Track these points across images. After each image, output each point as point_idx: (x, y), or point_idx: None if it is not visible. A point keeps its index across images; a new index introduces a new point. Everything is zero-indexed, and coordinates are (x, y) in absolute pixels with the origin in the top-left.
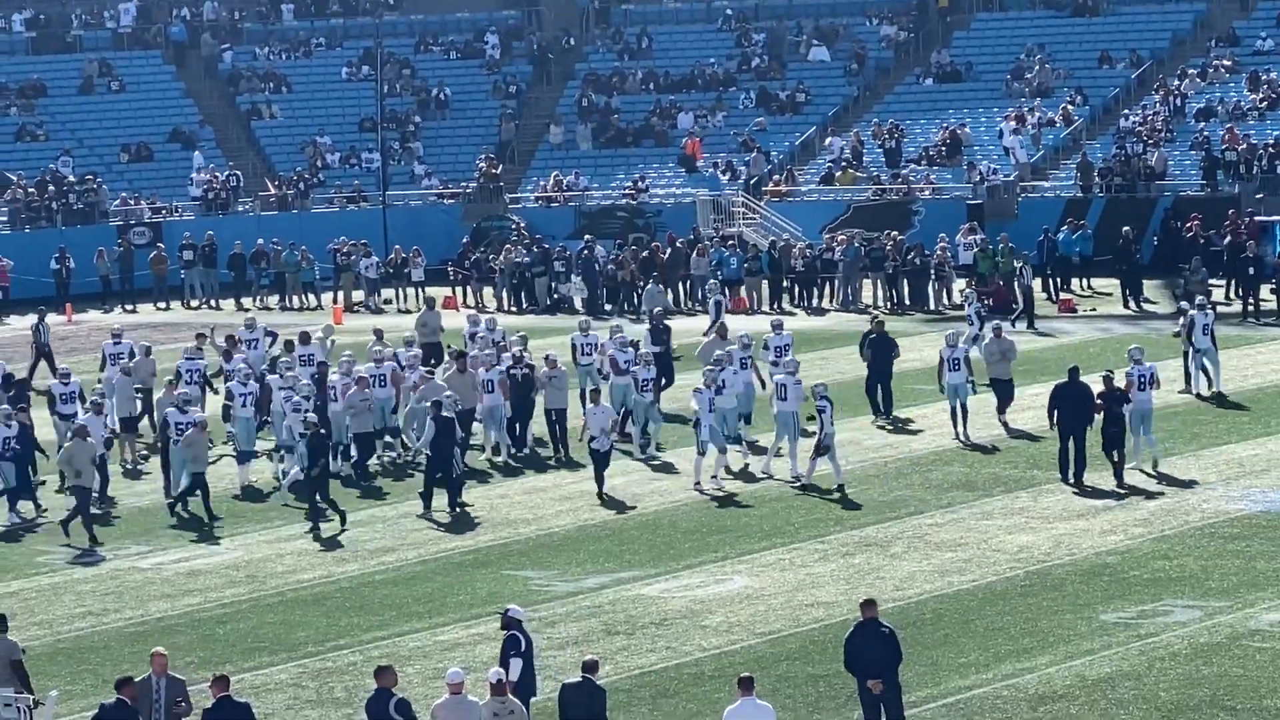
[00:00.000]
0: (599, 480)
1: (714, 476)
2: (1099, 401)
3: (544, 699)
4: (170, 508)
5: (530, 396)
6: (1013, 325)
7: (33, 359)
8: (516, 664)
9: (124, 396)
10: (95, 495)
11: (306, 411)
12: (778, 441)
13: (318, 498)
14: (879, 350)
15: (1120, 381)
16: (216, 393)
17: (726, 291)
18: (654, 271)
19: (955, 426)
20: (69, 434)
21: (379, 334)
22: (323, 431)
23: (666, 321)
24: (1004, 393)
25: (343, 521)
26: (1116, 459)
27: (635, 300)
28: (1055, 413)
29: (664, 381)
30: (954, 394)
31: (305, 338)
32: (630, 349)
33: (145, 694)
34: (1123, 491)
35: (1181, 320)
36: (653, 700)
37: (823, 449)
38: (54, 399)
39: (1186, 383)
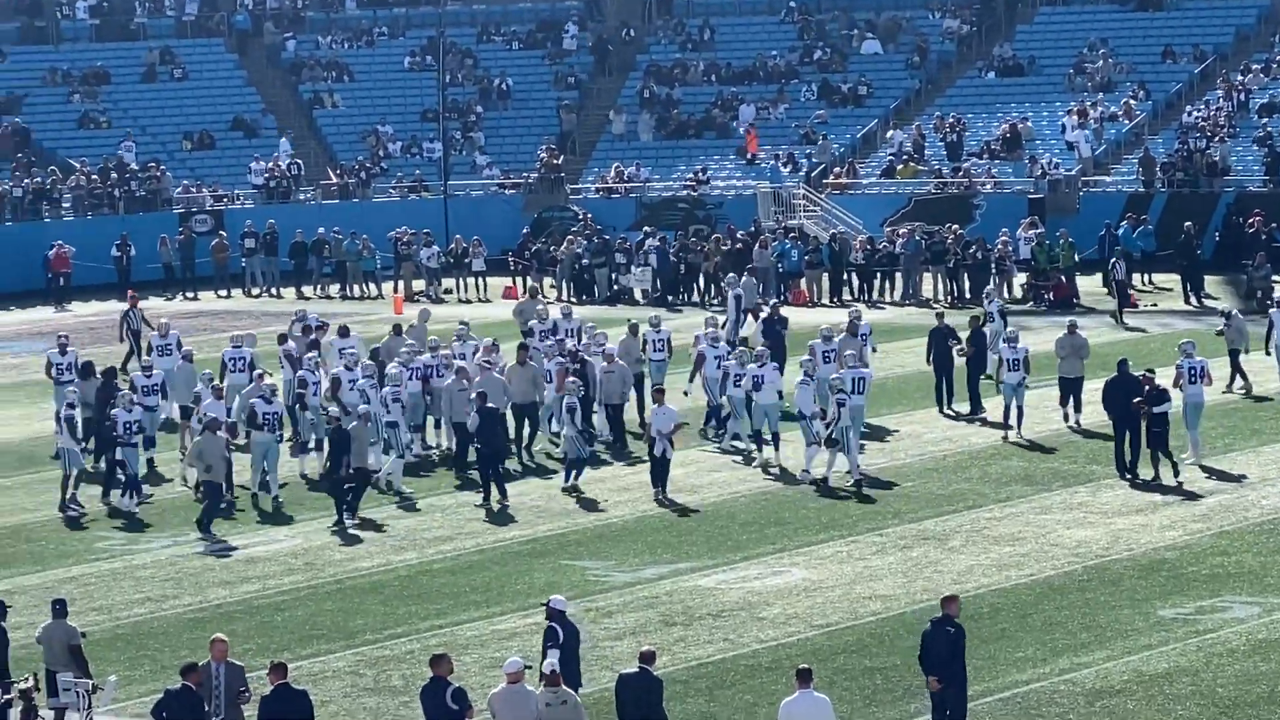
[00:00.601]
0: (656, 482)
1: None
2: (1137, 400)
3: (600, 689)
4: (254, 499)
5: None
6: (1118, 320)
7: (128, 347)
8: (553, 655)
9: (184, 385)
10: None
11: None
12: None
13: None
14: (939, 343)
15: (1169, 376)
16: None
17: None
18: (746, 264)
19: (1008, 427)
20: (199, 428)
21: (465, 326)
22: (343, 427)
23: (782, 312)
24: (1071, 390)
25: (351, 516)
26: (1163, 456)
27: (714, 291)
28: (1111, 407)
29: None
30: (1010, 394)
31: (345, 331)
32: (722, 343)
33: (205, 681)
34: (1176, 483)
35: (1228, 321)
36: (709, 691)
37: (833, 442)
38: (135, 389)
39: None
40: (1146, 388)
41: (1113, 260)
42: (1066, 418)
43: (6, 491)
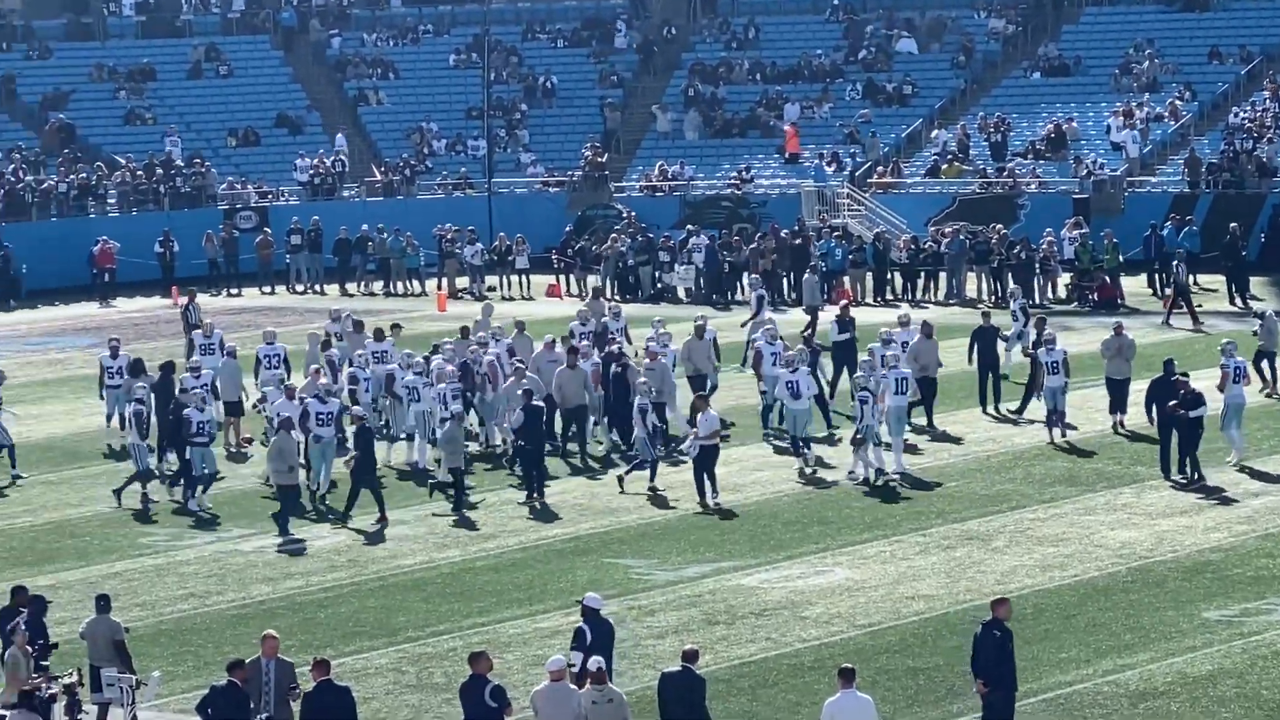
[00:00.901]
0: (701, 487)
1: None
2: (1171, 404)
3: (642, 687)
4: (314, 495)
5: (627, 390)
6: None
7: (187, 342)
8: (576, 656)
9: (231, 382)
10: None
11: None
12: (889, 437)
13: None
14: (984, 343)
15: (1213, 378)
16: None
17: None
18: (808, 262)
19: (1050, 431)
20: (274, 428)
21: (521, 325)
22: (368, 425)
23: (852, 313)
24: (1117, 392)
25: (457, 511)
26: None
27: (771, 290)
28: (1153, 407)
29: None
30: (1051, 398)
31: (380, 334)
32: (779, 342)
33: (255, 676)
34: (1195, 484)
35: (1261, 322)
36: (752, 690)
37: (858, 441)
38: (184, 390)
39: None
40: (1181, 391)
41: (1175, 262)
42: (1119, 425)
43: (52, 487)
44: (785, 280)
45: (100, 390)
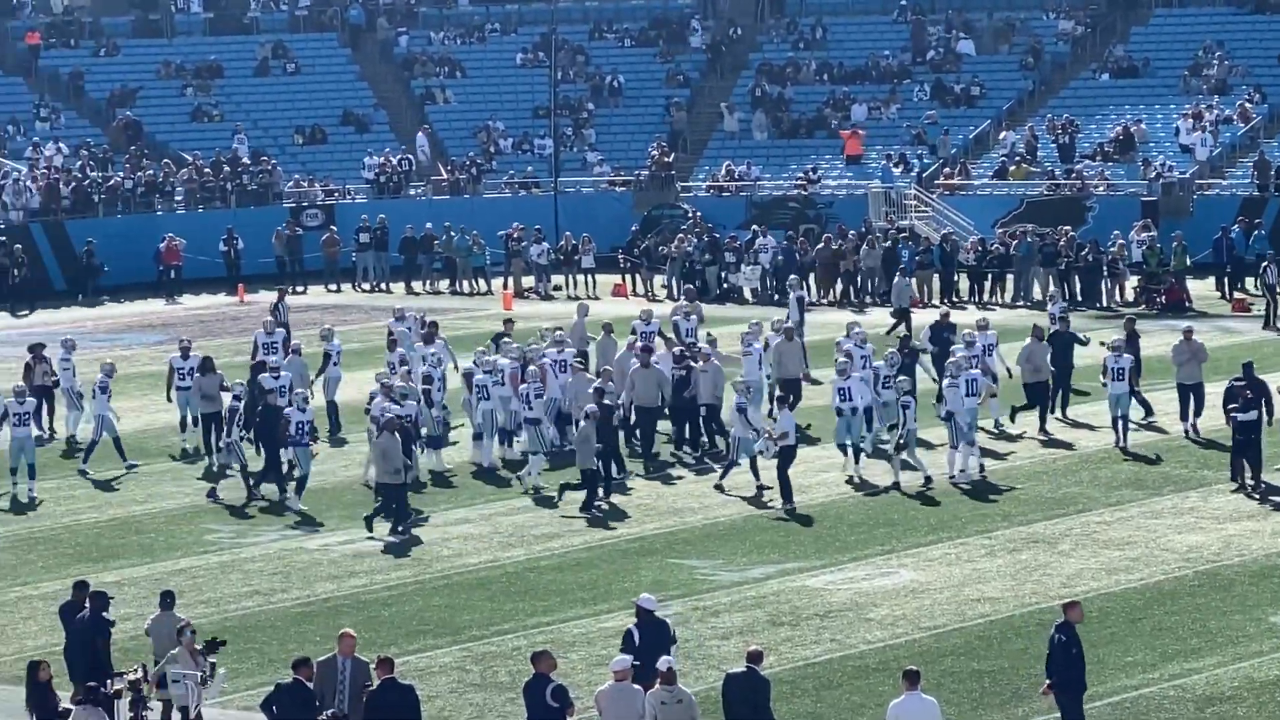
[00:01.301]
0: (786, 488)
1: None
2: (1230, 407)
3: (707, 688)
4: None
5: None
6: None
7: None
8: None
9: (296, 381)
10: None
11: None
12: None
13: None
14: (1059, 346)
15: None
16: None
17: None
18: (898, 264)
19: (1117, 437)
20: (379, 427)
21: (608, 328)
22: (406, 426)
23: (951, 319)
24: (1188, 396)
25: (588, 511)
26: (1247, 464)
27: (852, 292)
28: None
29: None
30: (1115, 405)
31: (430, 337)
32: (867, 345)
33: (330, 674)
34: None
35: None
36: (816, 692)
37: (901, 446)
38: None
39: None
40: (1244, 396)
41: (1265, 264)
42: (1190, 431)
43: (117, 483)
44: (870, 281)
45: (168, 391)
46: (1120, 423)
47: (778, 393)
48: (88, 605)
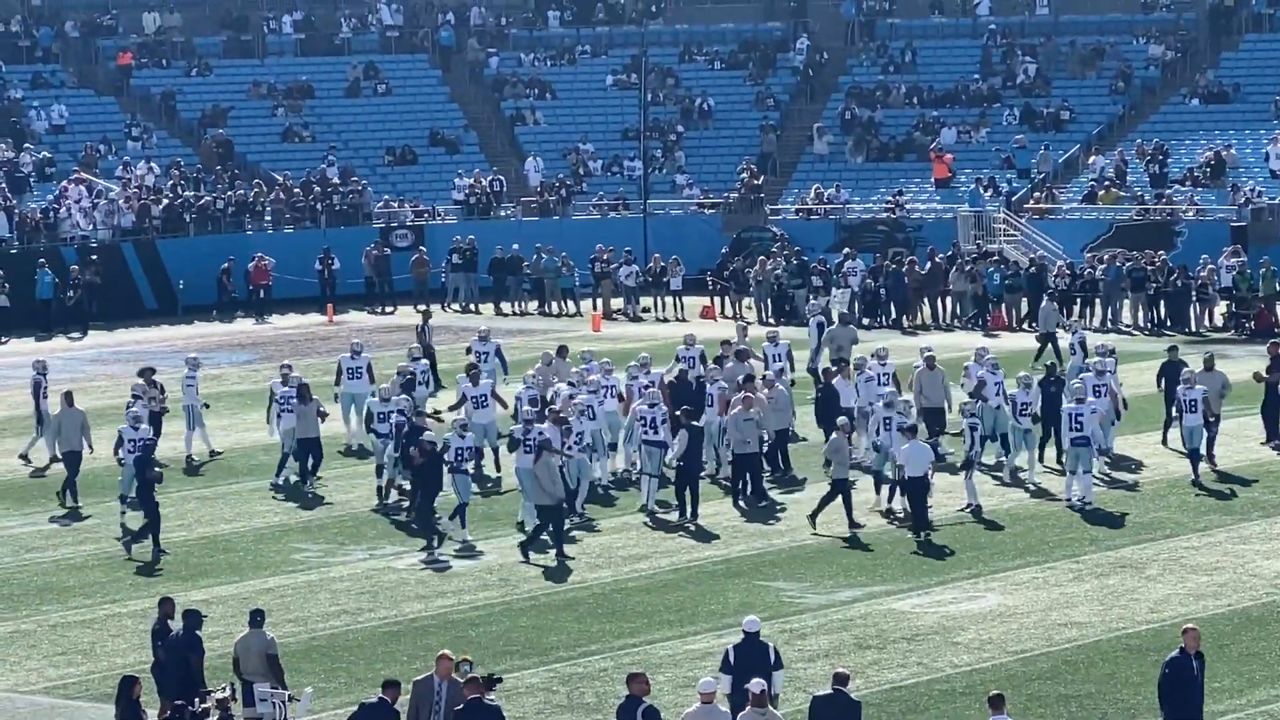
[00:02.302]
0: (921, 519)
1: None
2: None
3: (794, 710)
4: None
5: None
6: None
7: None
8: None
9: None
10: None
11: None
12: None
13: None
14: (1172, 376)
15: None
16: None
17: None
18: (1046, 289)
19: (1193, 471)
20: (535, 449)
21: (730, 341)
22: (435, 449)
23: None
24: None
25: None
26: None
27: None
28: None
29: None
30: (1189, 438)
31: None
32: (1000, 371)
33: (426, 694)
34: None
35: None
36: (902, 715)
37: (967, 465)
38: (371, 416)
39: None
40: None
41: None
42: None
43: (206, 502)
44: (959, 304)
45: (268, 416)
46: (1193, 458)
47: (906, 422)
48: (176, 622)
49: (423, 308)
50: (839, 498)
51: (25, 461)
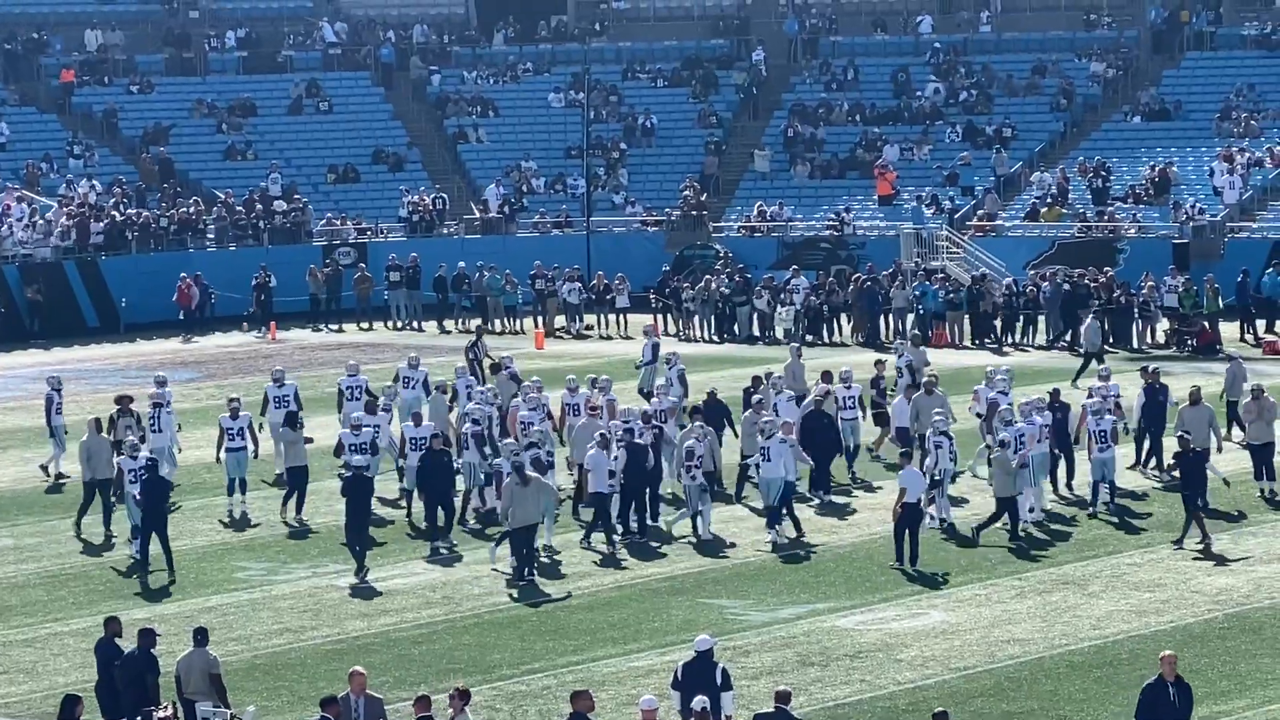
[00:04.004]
0: (900, 549)
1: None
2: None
3: None
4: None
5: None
6: None
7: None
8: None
9: (438, 416)
10: None
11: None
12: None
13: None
14: (1151, 402)
15: None
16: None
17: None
18: (1096, 304)
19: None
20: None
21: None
22: (365, 475)
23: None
24: (1260, 457)
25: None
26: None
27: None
28: None
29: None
30: (1099, 468)
31: (496, 368)
32: (1010, 395)
33: (345, 713)
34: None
35: None
36: None
37: (935, 483)
38: (341, 447)
39: None
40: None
41: None
42: (1266, 492)
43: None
44: (900, 321)
45: (218, 453)
46: (1107, 488)
47: (900, 449)
48: (124, 641)
49: (477, 325)
50: (1004, 515)
51: (45, 473)
